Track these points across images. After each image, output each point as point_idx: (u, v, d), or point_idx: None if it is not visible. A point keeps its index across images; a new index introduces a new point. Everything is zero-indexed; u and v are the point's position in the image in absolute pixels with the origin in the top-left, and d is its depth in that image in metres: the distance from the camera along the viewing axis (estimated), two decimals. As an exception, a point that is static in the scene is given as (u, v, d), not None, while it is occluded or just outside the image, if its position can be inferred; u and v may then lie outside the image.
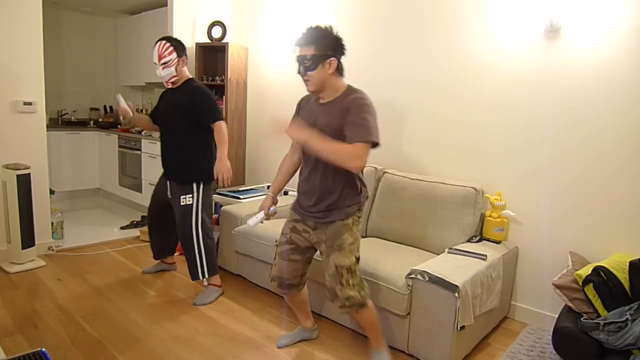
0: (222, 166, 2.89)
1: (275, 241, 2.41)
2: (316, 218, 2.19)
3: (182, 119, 2.90)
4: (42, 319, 2.65)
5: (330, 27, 2.05)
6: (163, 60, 2.84)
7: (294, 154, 2.39)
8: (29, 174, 3.33)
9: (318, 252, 2.27)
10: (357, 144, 1.94)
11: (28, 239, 3.37)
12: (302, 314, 2.55)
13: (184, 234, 2.97)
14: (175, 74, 2.89)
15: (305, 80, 2.07)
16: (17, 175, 3.26)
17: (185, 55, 2.96)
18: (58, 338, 2.45)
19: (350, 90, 2.10)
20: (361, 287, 2.13)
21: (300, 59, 2.03)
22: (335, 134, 2.00)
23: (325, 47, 2.01)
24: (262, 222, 2.36)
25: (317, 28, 2.04)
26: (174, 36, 4.18)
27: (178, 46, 2.90)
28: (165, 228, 3.25)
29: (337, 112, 2.04)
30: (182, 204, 2.94)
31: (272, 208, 2.38)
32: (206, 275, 3.01)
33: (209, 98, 2.93)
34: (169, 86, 2.98)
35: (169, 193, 3.04)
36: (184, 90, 2.94)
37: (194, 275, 3.01)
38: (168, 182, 3.04)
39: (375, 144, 1.98)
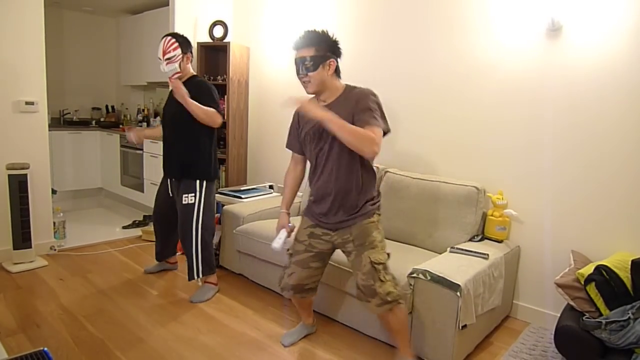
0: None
1: (288, 250, 2.37)
2: (336, 224, 2.18)
3: (185, 114, 2.87)
4: (44, 319, 2.65)
5: (327, 31, 2.10)
6: (167, 56, 2.83)
7: (297, 166, 2.42)
8: (25, 175, 3.29)
9: (341, 252, 2.28)
10: (372, 128, 1.96)
11: (21, 240, 3.34)
12: (306, 312, 2.58)
13: (184, 232, 2.97)
14: (178, 70, 2.88)
15: (304, 82, 2.10)
16: (9, 176, 3.25)
17: (191, 52, 2.96)
18: (60, 337, 2.46)
19: (351, 87, 2.14)
20: (396, 283, 2.14)
21: (300, 61, 2.06)
22: None
23: (325, 48, 2.06)
24: (285, 242, 2.31)
25: (315, 31, 2.09)
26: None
27: (184, 43, 2.90)
28: (168, 229, 3.25)
29: (344, 107, 2.05)
30: (183, 202, 2.94)
31: (290, 224, 2.36)
32: (200, 276, 3.01)
33: (208, 89, 2.93)
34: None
35: (170, 192, 3.05)
36: (187, 87, 2.92)
37: (190, 276, 3.01)
38: (169, 180, 3.05)
39: (385, 132, 2.04)
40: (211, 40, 4.40)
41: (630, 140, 2.44)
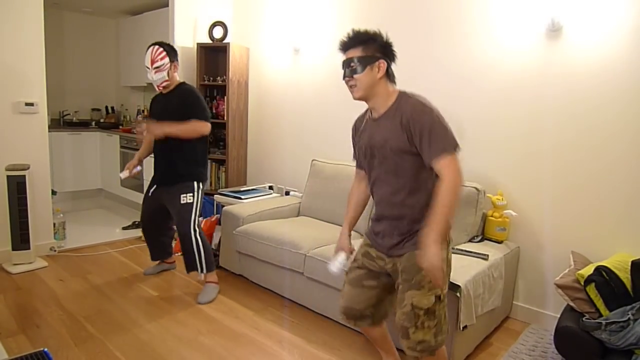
0: None
1: (346, 269, 2.09)
2: (389, 249, 1.91)
3: (178, 121, 2.88)
4: (44, 319, 2.65)
5: (379, 31, 1.87)
6: (156, 65, 2.89)
7: (361, 182, 2.11)
8: (23, 176, 3.27)
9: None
10: (444, 162, 1.70)
11: (20, 242, 3.32)
12: (383, 349, 2.21)
13: (184, 231, 2.98)
14: (167, 78, 2.93)
15: (350, 86, 1.85)
16: (8, 177, 3.24)
17: (177, 60, 3.01)
18: (60, 338, 2.46)
19: (402, 96, 1.86)
20: (439, 331, 1.81)
21: (347, 62, 1.84)
22: (395, 152, 1.80)
23: (374, 48, 1.83)
24: (344, 265, 2.04)
25: (365, 30, 1.86)
26: (175, 37, 4.23)
27: (171, 51, 2.96)
28: (161, 230, 3.29)
29: (394, 126, 1.80)
30: (182, 202, 2.96)
31: (350, 246, 2.08)
32: (204, 271, 3.04)
33: (197, 99, 2.97)
34: (160, 90, 3.01)
35: (162, 197, 3.06)
36: (177, 94, 2.99)
37: (191, 268, 3.03)
38: (161, 186, 3.07)
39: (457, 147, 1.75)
40: (211, 41, 4.40)
41: (630, 141, 2.44)
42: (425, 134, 1.73)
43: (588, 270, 2.17)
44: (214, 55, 4.56)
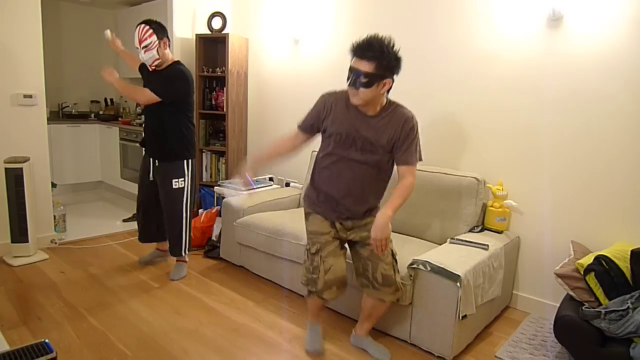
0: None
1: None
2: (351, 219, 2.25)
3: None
4: (46, 311, 2.67)
5: (393, 44, 1.95)
6: (144, 44, 2.84)
7: (295, 141, 2.29)
8: (20, 169, 3.26)
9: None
10: (410, 168, 2.09)
11: (19, 234, 3.33)
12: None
13: (173, 215, 3.10)
14: (157, 56, 2.90)
15: (353, 93, 1.98)
16: (6, 169, 3.23)
17: (167, 37, 2.96)
18: (62, 330, 2.47)
19: (392, 105, 2.11)
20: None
21: (356, 73, 1.93)
22: (383, 151, 2.08)
23: (385, 67, 1.92)
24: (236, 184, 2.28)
25: (381, 43, 1.92)
26: (174, 27, 4.21)
27: (158, 28, 2.88)
28: (152, 213, 3.27)
29: (385, 129, 2.06)
30: (174, 187, 3.04)
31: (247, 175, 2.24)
32: (187, 252, 3.23)
33: (171, 75, 2.93)
34: (153, 69, 2.98)
35: (151, 175, 3.13)
36: (166, 72, 2.96)
37: (176, 252, 3.18)
38: (151, 161, 3.11)
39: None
40: (210, 32, 4.38)
41: (629, 130, 2.44)
42: (407, 142, 2.06)
43: (588, 260, 2.17)
44: (213, 46, 4.53)
